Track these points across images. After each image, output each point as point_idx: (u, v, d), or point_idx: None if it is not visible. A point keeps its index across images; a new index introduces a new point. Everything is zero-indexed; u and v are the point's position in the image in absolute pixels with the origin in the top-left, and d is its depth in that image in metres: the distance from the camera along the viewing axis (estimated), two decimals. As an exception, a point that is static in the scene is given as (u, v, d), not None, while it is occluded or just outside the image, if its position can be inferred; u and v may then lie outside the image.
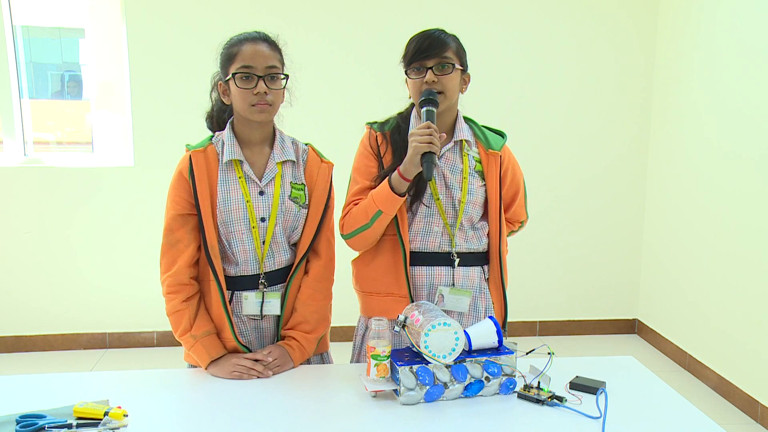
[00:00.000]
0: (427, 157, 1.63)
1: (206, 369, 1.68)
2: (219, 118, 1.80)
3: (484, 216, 1.86)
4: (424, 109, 1.69)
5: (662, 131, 4.07)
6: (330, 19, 3.87)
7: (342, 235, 1.81)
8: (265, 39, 1.69)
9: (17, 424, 1.34)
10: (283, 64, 1.71)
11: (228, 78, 1.66)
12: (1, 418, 1.39)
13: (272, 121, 1.76)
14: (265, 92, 1.63)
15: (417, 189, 1.75)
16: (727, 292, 3.39)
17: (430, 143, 1.62)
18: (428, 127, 1.64)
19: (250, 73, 1.63)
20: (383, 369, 1.51)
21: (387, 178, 1.70)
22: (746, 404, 3.22)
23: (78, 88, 4.57)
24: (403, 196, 1.69)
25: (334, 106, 3.91)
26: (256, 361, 1.66)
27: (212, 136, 1.76)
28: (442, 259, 1.81)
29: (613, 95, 4.14)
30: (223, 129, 1.75)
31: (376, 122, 1.88)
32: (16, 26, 3.80)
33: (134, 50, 3.76)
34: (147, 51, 3.77)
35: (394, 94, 2.28)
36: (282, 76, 1.68)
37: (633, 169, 4.23)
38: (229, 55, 1.67)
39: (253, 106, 1.64)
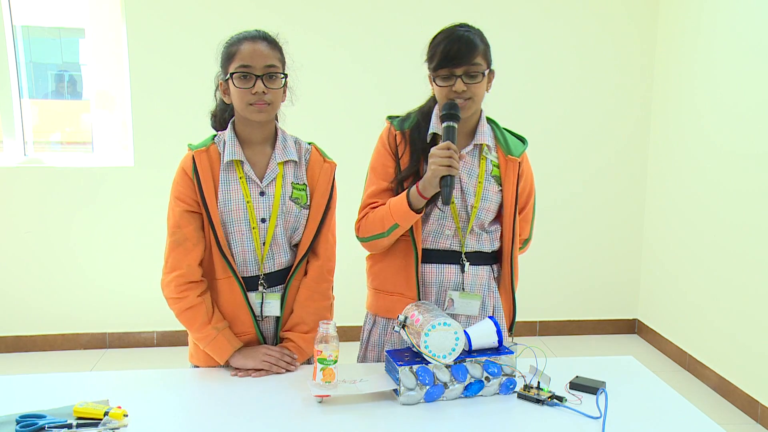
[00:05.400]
0: (446, 181, 1.60)
1: (227, 361, 1.68)
2: (222, 117, 1.80)
3: (497, 219, 1.84)
4: (445, 125, 1.65)
5: (662, 130, 4.06)
6: (333, 17, 3.87)
7: (358, 237, 1.80)
8: (265, 38, 1.68)
9: (17, 424, 1.34)
10: (283, 63, 1.70)
11: (227, 77, 1.66)
12: (1, 418, 1.39)
13: (274, 120, 1.75)
14: (264, 92, 1.62)
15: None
16: (727, 292, 3.39)
17: (450, 166, 1.59)
18: (448, 148, 1.60)
19: (248, 72, 1.62)
20: (329, 374, 1.48)
21: (406, 191, 1.68)
22: (746, 404, 3.22)
23: (78, 88, 4.57)
24: (420, 212, 1.68)
25: (337, 105, 3.91)
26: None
27: (215, 136, 1.76)
28: (453, 257, 1.79)
29: (614, 94, 4.14)
30: (226, 128, 1.75)
31: (397, 117, 1.83)
32: (16, 26, 3.80)
33: (134, 50, 3.76)
34: (147, 51, 3.77)
35: (397, 93, 2.28)
36: (281, 76, 1.68)
37: (633, 169, 4.23)
38: (228, 54, 1.66)
39: (251, 105, 1.64)
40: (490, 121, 1.85)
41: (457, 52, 1.65)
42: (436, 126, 1.75)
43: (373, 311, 1.89)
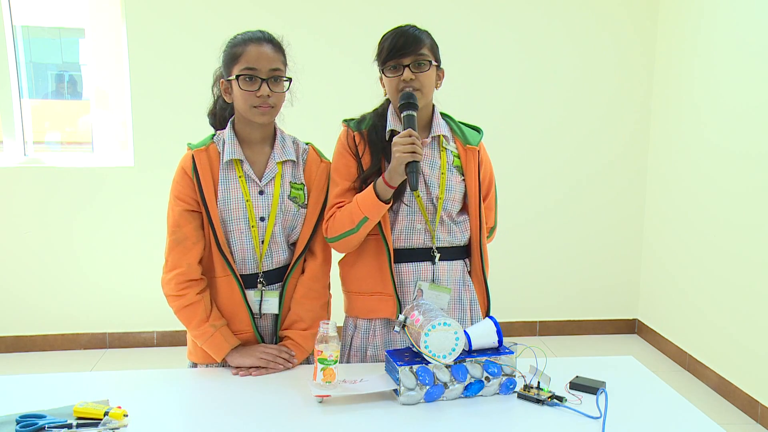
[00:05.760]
0: (412, 167, 1.62)
1: (224, 358, 1.69)
2: (221, 115, 1.80)
3: (464, 209, 1.86)
4: (404, 114, 1.69)
5: (662, 130, 4.07)
6: (332, 18, 3.87)
7: (327, 238, 1.78)
8: (270, 40, 1.69)
9: (17, 424, 1.34)
10: (286, 65, 1.71)
11: (231, 78, 1.66)
12: (1, 418, 1.39)
13: (273, 121, 1.76)
14: (268, 95, 1.64)
15: (397, 189, 1.73)
16: (727, 292, 3.39)
17: (413, 152, 1.62)
18: (410, 135, 1.63)
19: (254, 75, 1.63)
20: (330, 374, 1.48)
21: (372, 184, 1.69)
22: (746, 404, 3.22)
23: (78, 88, 4.58)
24: (388, 203, 1.69)
25: (336, 107, 3.90)
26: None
27: (214, 135, 1.76)
28: (426, 254, 1.81)
29: (614, 94, 4.14)
30: (225, 127, 1.75)
31: (352, 119, 1.87)
32: (16, 26, 3.80)
33: (134, 50, 3.76)
34: (147, 51, 3.77)
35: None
36: (285, 79, 1.68)
37: (633, 169, 4.23)
38: (233, 55, 1.66)
39: (255, 107, 1.65)
40: (444, 115, 1.89)
41: (404, 44, 1.72)
42: (392, 123, 1.79)
43: (353, 314, 1.88)
